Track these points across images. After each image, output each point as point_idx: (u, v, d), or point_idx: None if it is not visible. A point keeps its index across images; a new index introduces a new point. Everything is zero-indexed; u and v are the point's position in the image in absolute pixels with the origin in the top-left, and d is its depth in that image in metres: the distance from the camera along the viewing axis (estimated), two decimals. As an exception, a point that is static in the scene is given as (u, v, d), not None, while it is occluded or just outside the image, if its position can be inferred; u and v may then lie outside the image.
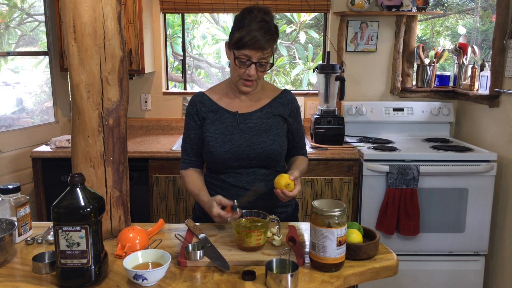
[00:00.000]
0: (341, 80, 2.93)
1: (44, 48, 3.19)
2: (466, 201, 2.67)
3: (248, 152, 1.63)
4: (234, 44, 1.53)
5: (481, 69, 2.93)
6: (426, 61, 3.21)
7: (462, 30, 3.88)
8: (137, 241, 1.36)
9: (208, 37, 4.67)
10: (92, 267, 1.17)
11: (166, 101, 3.37)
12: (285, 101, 1.71)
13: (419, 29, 4.09)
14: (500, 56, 2.69)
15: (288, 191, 1.50)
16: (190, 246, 1.31)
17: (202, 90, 1.78)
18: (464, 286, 2.78)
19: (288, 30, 4.56)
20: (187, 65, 3.52)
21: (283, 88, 1.77)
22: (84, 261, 1.16)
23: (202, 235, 1.43)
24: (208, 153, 1.65)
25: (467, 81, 3.12)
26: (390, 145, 2.88)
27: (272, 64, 1.60)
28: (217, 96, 1.71)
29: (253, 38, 1.48)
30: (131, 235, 1.37)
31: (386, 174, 2.62)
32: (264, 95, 1.71)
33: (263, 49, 1.51)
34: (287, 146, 1.73)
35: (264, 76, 1.67)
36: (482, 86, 2.87)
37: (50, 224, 1.53)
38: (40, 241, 1.45)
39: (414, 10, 3.09)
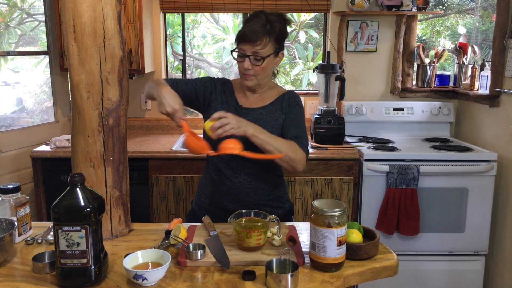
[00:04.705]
0: (341, 80, 2.93)
1: (44, 48, 3.19)
2: (466, 201, 2.67)
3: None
4: (235, 40, 1.65)
5: (481, 69, 2.93)
6: (426, 61, 3.21)
7: (462, 30, 3.87)
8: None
9: (208, 37, 4.66)
10: (92, 267, 1.17)
11: (166, 101, 3.36)
12: (287, 96, 1.75)
13: (419, 28, 4.08)
14: (500, 56, 2.68)
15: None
16: (191, 245, 1.31)
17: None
18: (464, 286, 2.78)
19: (288, 29, 4.55)
20: (187, 65, 3.52)
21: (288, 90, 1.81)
22: (84, 261, 1.15)
23: (214, 233, 1.45)
24: None
25: (467, 81, 3.12)
26: (390, 145, 2.88)
27: (265, 58, 1.61)
28: (235, 87, 1.80)
29: (246, 31, 1.59)
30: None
31: (386, 174, 2.62)
32: (270, 94, 1.76)
33: (253, 41, 1.58)
34: None
35: (272, 78, 1.79)
36: (482, 86, 2.87)
37: (50, 224, 1.53)
38: (40, 241, 1.45)
39: (414, 10, 3.09)
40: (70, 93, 1.49)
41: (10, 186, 1.44)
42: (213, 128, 1.44)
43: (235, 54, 1.66)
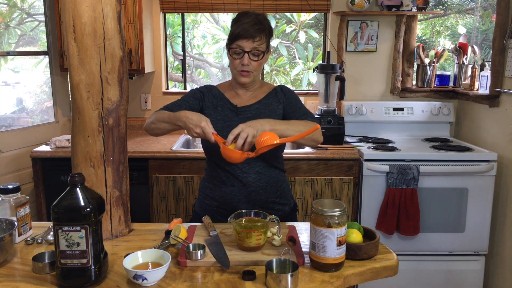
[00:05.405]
0: (341, 80, 2.93)
1: (44, 48, 3.19)
2: (466, 201, 2.67)
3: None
4: (229, 39, 1.69)
5: (481, 69, 2.93)
6: (426, 61, 3.21)
7: (462, 30, 3.87)
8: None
9: (208, 37, 4.67)
10: (92, 267, 1.16)
11: (166, 101, 3.32)
12: (279, 89, 1.82)
13: (419, 28, 4.08)
14: (500, 55, 2.69)
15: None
16: (191, 245, 1.31)
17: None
18: (464, 286, 2.78)
19: (288, 29, 4.56)
20: (187, 65, 3.52)
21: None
22: (84, 261, 1.15)
23: (214, 232, 1.45)
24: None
25: (467, 81, 3.12)
26: (390, 145, 2.88)
27: (264, 53, 1.69)
28: (222, 90, 1.83)
29: (243, 29, 1.64)
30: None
31: (386, 174, 2.62)
32: (261, 91, 1.82)
33: (253, 37, 1.64)
34: None
35: (264, 77, 1.73)
36: (482, 86, 2.87)
37: (50, 224, 1.53)
38: (40, 241, 1.45)
39: (414, 9, 3.09)
40: (70, 93, 1.49)
41: (10, 186, 1.44)
42: (238, 147, 1.44)
43: (231, 52, 1.70)
